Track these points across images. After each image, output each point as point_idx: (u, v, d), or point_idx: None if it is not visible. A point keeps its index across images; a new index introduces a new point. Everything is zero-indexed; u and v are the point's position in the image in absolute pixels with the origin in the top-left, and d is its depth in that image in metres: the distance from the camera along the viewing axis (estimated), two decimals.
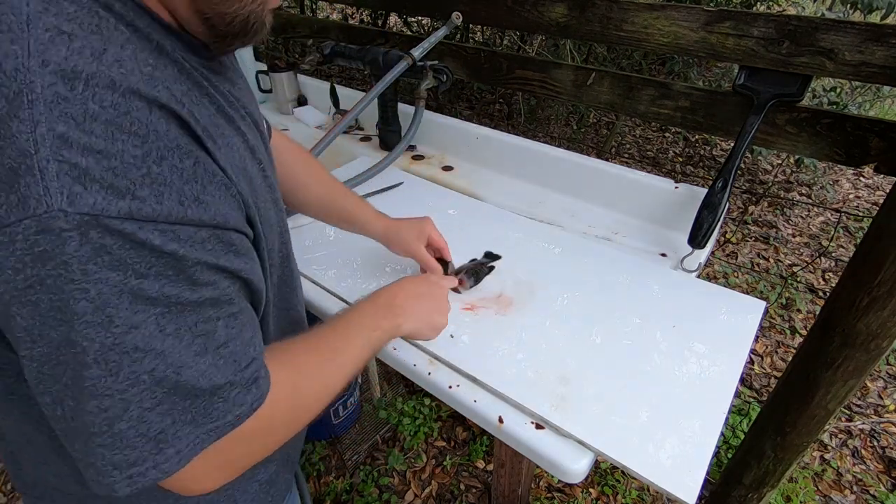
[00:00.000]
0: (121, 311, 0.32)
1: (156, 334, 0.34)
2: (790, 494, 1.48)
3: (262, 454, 0.46)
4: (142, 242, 0.32)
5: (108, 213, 0.30)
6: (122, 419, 0.34)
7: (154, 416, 0.35)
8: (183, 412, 0.36)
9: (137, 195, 0.31)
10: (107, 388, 0.33)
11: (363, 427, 1.67)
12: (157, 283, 0.33)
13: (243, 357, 0.40)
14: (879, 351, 0.84)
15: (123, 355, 0.33)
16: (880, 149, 0.83)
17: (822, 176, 3.18)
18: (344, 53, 1.31)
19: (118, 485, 0.35)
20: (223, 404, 0.39)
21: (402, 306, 0.63)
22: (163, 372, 0.35)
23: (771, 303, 2.21)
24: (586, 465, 0.61)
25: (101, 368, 0.33)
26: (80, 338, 0.32)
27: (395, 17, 4.39)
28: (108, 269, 0.31)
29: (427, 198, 1.12)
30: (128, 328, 0.33)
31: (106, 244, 0.31)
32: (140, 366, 0.34)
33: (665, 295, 0.83)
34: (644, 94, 1.06)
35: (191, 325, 0.36)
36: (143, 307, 0.33)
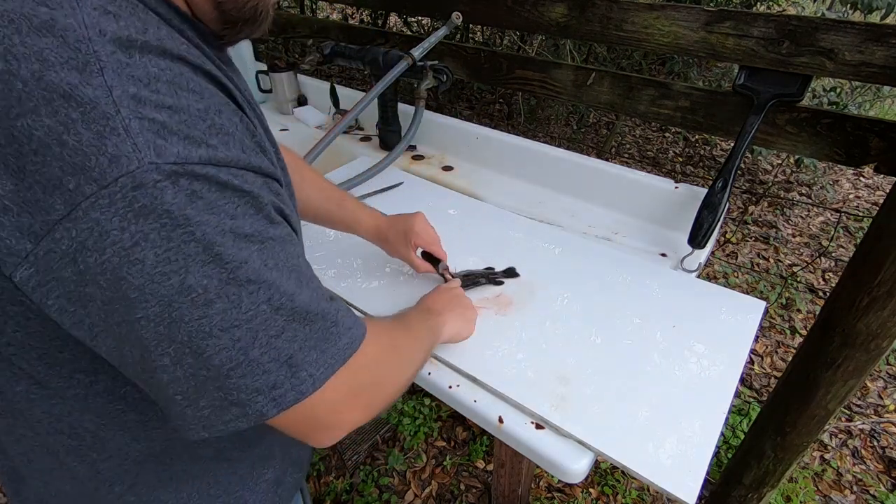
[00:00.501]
0: (227, 248, 0.34)
1: (262, 268, 0.36)
2: (790, 494, 1.48)
3: (383, 392, 0.49)
4: (224, 184, 0.34)
5: (191, 160, 0.32)
6: (253, 347, 0.36)
7: (281, 343, 0.37)
8: (305, 338, 0.39)
9: (210, 143, 0.33)
10: (235, 320, 0.35)
11: (363, 427, 1.67)
12: (246, 221, 0.35)
13: (327, 291, 0.43)
14: (879, 351, 0.84)
15: (241, 287, 0.35)
16: (880, 149, 0.83)
17: (822, 176, 3.18)
18: (344, 53, 1.31)
19: (265, 408, 0.37)
20: (336, 328, 0.41)
21: (440, 310, 0.70)
22: (278, 300, 0.37)
23: (771, 303, 2.21)
24: (586, 465, 0.61)
25: (224, 302, 0.34)
26: (196, 279, 0.33)
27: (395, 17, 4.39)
28: (205, 212, 0.33)
29: (427, 198, 1.12)
30: (238, 263, 0.34)
31: (196, 189, 0.32)
32: (257, 296, 0.35)
33: (665, 295, 0.83)
34: (644, 94, 1.06)
35: (284, 260, 0.38)
36: (245, 244, 0.35)
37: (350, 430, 0.45)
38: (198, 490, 0.53)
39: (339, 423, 0.44)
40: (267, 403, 0.37)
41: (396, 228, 0.81)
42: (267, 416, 0.38)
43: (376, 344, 0.47)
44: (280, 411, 0.38)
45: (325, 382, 0.40)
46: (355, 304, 0.83)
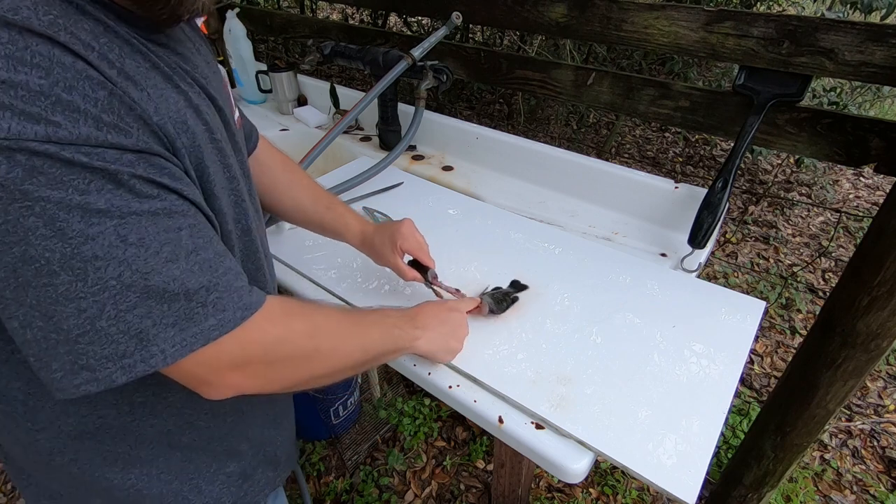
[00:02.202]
0: (73, 224, 0.34)
1: (116, 243, 0.36)
2: (790, 494, 1.48)
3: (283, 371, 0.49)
4: (69, 161, 0.33)
5: (25, 136, 0.32)
6: (100, 318, 0.37)
7: (132, 317, 0.38)
8: (162, 316, 0.39)
9: (51, 120, 0.33)
10: (79, 292, 0.36)
11: (363, 427, 1.67)
12: (101, 196, 0.35)
13: (218, 265, 0.43)
14: (879, 351, 0.84)
15: (87, 263, 0.35)
16: (880, 149, 0.83)
17: (822, 176, 3.18)
18: (344, 53, 1.31)
19: (115, 374, 0.39)
20: (203, 309, 0.41)
21: (424, 324, 0.66)
22: (129, 277, 0.37)
23: (771, 303, 2.21)
24: (586, 465, 0.61)
25: (68, 275, 0.35)
26: (38, 251, 0.34)
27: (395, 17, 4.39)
28: (47, 187, 0.33)
29: (427, 198, 1.12)
30: (84, 239, 0.35)
31: (35, 165, 0.32)
32: (105, 272, 0.36)
33: (665, 295, 0.83)
34: (644, 94, 1.06)
35: (153, 235, 0.38)
36: (97, 219, 0.35)
37: (242, 392, 0.47)
38: (147, 473, 0.55)
39: (220, 384, 0.45)
40: (116, 371, 0.39)
41: (382, 234, 0.79)
42: (117, 382, 0.39)
43: (282, 326, 0.48)
44: (129, 379, 0.39)
45: (182, 359, 0.40)
46: (356, 304, 0.83)
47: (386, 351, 0.61)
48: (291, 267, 0.91)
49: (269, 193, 0.78)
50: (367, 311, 0.63)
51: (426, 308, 0.69)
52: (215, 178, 0.48)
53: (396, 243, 0.77)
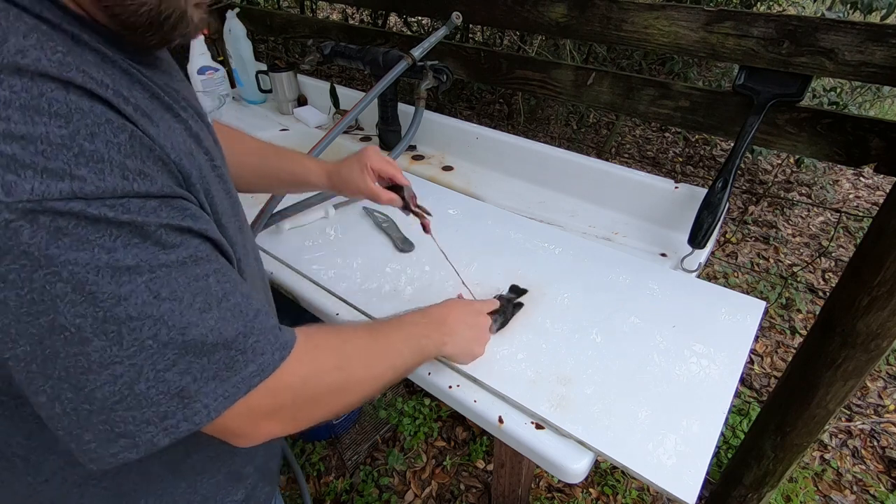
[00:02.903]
0: (102, 286, 0.32)
1: (150, 301, 0.34)
2: (790, 494, 1.48)
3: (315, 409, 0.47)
4: (95, 218, 0.31)
5: (50, 197, 0.30)
6: (138, 382, 0.35)
7: (172, 376, 0.36)
8: (202, 369, 0.37)
9: (76, 175, 0.31)
10: (115, 356, 0.34)
11: (363, 427, 1.67)
12: (129, 252, 0.33)
13: (248, 308, 0.41)
14: (879, 351, 0.84)
15: (121, 325, 0.33)
16: (880, 149, 0.83)
17: (822, 176, 3.18)
18: (344, 53, 1.31)
19: (157, 437, 0.37)
20: (243, 356, 0.40)
21: (452, 328, 0.65)
22: (167, 335, 0.35)
23: (771, 303, 2.21)
24: (586, 465, 0.61)
25: (101, 340, 0.33)
26: (67, 319, 0.32)
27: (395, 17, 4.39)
28: (73, 249, 0.31)
29: (427, 198, 1.11)
30: (116, 300, 0.33)
31: (60, 226, 0.30)
32: (141, 333, 0.34)
33: (665, 295, 0.83)
34: (644, 94, 1.06)
35: (184, 286, 0.36)
36: (128, 277, 0.33)
37: (272, 438, 0.45)
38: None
39: (255, 434, 0.43)
40: (157, 434, 0.37)
41: (349, 162, 0.77)
42: (159, 445, 0.37)
43: (310, 364, 0.46)
44: (173, 440, 0.37)
45: (225, 411, 0.39)
46: (355, 304, 0.83)
47: (415, 363, 0.60)
48: (291, 267, 0.91)
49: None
50: (392, 322, 0.61)
51: (454, 311, 0.67)
52: (221, 208, 0.46)
53: (366, 165, 0.75)
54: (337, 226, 1.02)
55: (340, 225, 1.03)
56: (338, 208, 1.07)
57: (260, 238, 0.96)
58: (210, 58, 1.52)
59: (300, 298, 0.87)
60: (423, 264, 0.91)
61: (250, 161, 0.77)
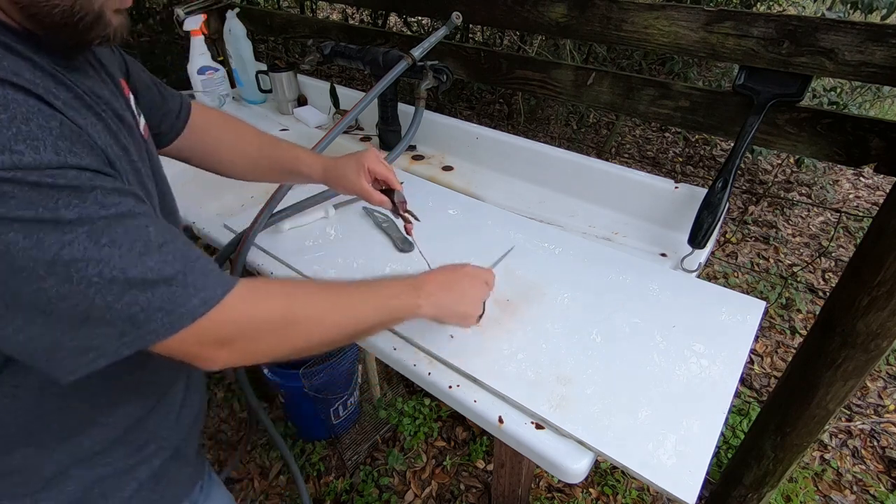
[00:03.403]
0: (48, 235, 0.37)
1: (91, 246, 0.40)
2: (790, 494, 1.48)
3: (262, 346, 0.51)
4: (36, 184, 0.37)
5: None
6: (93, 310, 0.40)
7: (121, 307, 0.41)
8: (148, 301, 0.42)
9: (15, 150, 0.36)
10: (69, 292, 0.39)
11: (363, 427, 1.67)
12: (69, 210, 0.38)
13: (190, 253, 0.46)
14: (879, 351, 0.84)
15: (68, 266, 0.39)
16: (880, 149, 0.83)
17: (822, 176, 3.18)
18: (344, 53, 1.31)
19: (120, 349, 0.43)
20: (184, 290, 0.45)
21: (428, 291, 0.64)
22: (109, 273, 0.40)
23: (771, 303, 2.21)
24: (586, 465, 0.61)
25: (54, 278, 0.38)
26: (22, 261, 0.37)
27: (395, 17, 4.39)
28: (19, 209, 0.36)
29: (427, 198, 1.12)
30: (61, 246, 0.38)
31: (5, 191, 0.35)
32: (86, 271, 0.39)
33: (665, 295, 0.83)
34: (644, 94, 1.06)
35: (122, 234, 0.41)
36: (69, 228, 0.38)
37: (229, 365, 0.50)
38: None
39: (209, 359, 0.49)
40: (120, 346, 0.43)
41: (347, 160, 0.79)
42: (121, 354, 0.43)
43: (253, 302, 0.50)
44: (132, 351, 0.43)
45: (173, 335, 0.44)
46: None
47: (384, 321, 0.62)
48: (291, 267, 0.91)
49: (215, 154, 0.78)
50: (362, 282, 0.61)
51: (434, 273, 0.67)
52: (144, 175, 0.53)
53: (364, 166, 0.78)
54: (337, 226, 1.02)
55: (340, 225, 1.03)
56: (338, 208, 1.07)
57: (260, 238, 0.96)
58: (210, 58, 1.52)
59: None
60: (423, 264, 0.91)
61: (248, 150, 0.79)
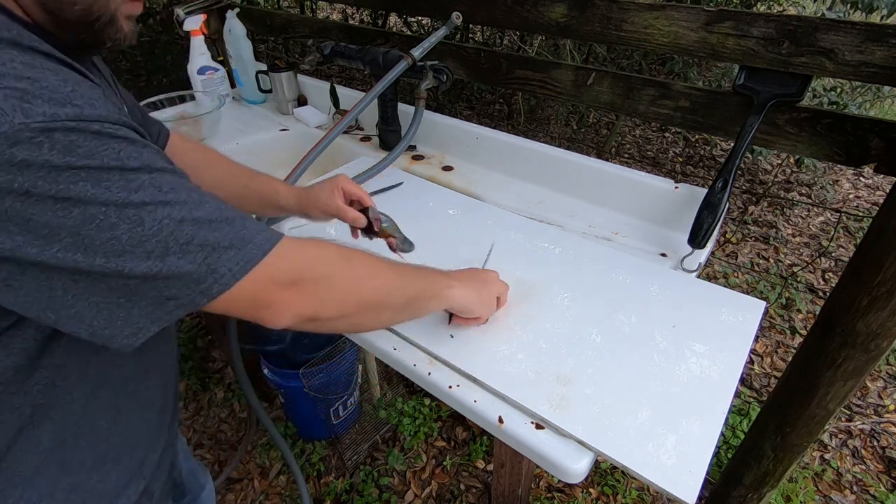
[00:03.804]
0: (116, 181, 0.39)
1: (156, 192, 0.41)
2: (790, 494, 1.48)
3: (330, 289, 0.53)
4: (98, 132, 0.38)
5: (58, 118, 0.37)
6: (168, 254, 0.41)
7: (194, 247, 0.42)
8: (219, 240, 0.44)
9: (76, 104, 0.38)
10: (142, 236, 0.40)
11: (363, 427, 1.67)
12: (131, 158, 0.40)
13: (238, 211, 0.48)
14: (879, 351, 0.84)
15: (139, 209, 0.40)
16: (880, 149, 0.83)
17: (822, 176, 3.18)
18: (344, 53, 1.31)
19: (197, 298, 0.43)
20: (246, 230, 0.46)
21: (456, 276, 0.71)
22: (178, 213, 0.42)
23: (771, 303, 2.21)
24: (586, 465, 0.61)
25: (127, 223, 0.39)
26: (95, 209, 0.38)
27: (395, 17, 4.39)
28: (86, 157, 0.37)
29: (427, 198, 1.12)
30: (129, 191, 0.39)
31: (72, 139, 0.37)
32: (157, 213, 0.41)
33: (665, 295, 0.83)
34: (644, 94, 1.06)
35: (179, 185, 0.43)
36: (134, 175, 0.40)
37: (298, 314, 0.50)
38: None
39: (280, 304, 0.49)
40: (196, 295, 0.43)
41: (320, 186, 0.81)
42: (200, 304, 0.44)
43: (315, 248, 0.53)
44: (209, 300, 0.44)
45: (248, 273, 0.45)
46: None
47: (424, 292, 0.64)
48: None
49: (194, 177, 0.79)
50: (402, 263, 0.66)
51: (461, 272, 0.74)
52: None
53: (338, 185, 0.80)
54: (337, 226, 1.02)
55: (340, 225, 1.02)
56: None
57: None
58: (210, 58, 1.52)
59: None
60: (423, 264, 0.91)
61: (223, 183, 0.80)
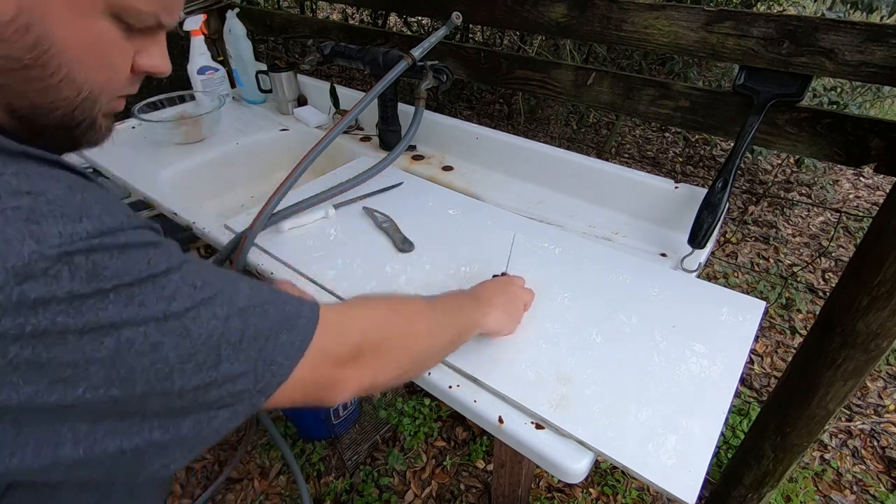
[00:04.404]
0: (147, 293, 0.33)
1: (192, 293, 0.36)
2: (790, 494, 1.48)
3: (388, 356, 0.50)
4: (124, 246, 0.33)
5: (78, 237, 0.31)
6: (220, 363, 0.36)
7: (246, 345, 0.38)
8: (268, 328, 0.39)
9: (91, 215, 0.32)
10: (190, 348, 0.34)
11: (363, 427, 1.67)
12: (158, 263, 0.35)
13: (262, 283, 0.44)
14: (879, 351, 0.84)
15: (181, 318, 0.34)
16: (880, 149, 0.83)
17: (822, 176, 3.18)
18: (344, 53, 1.31)
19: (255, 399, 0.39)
20: (289, 308, 0.42)
21: (488, 301, 0.70)
22: (222, 310, 0.37)
23: (771, 303, 2.21)
24: (586, 466, 0.61)
25: (172, 338, 0.34)
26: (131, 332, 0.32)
27: (395, 17, 4.38)
28: (114, 278, 0.32)
29: (427, 198, 1.12)
30: (167, 301, 0.34)
31: (97, 261, 0.31)
32: (200, 317, 0.35)
33: (665, 295, 0.83)
34: (644, 94, 1.06)
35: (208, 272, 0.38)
36: (165, 280, 0.35)
37: (358, 387, 0.47)
38: None
39: (343, 381, 0.46)
40: (255, 396, 0.39)
41: None
42: (258, 405, 0.39)
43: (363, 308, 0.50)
44: (268, 397, 0.39)
45: (303, 355, 0.41)
46: None
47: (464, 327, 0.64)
48: (291, 267, 0.91)
49: None
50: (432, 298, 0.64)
51: (485, 284, 0.74)
52: None
53: None
54: (337, 226, 1.02)
55: (340, 225, 1.03)
56: (338, 208, 1.07)
57: (260, 238, 0.96)
58: (210, 58, 1.52)
59: None
60: (423, 264, 0.91)
61: None
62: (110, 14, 0.38)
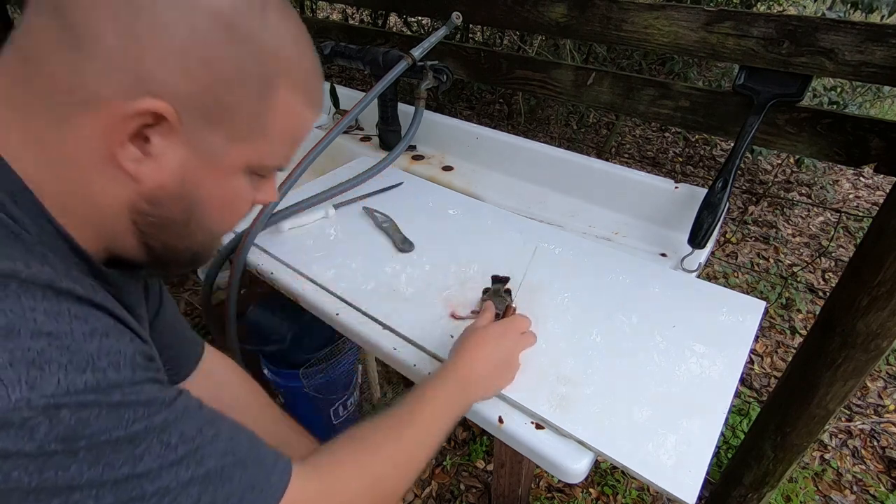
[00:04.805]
0: (116, 454, 0.33)
1: (161, 452, 0.35)
2: (790, 494, 1.48)
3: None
4: (116, 405, 0.33)
5: (74, 390, 0.31)
6: None
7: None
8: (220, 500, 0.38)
9: (99, 366, 0.32)
10: None
11: None
12: (140, 422, 0.34)
13: (243, 429, 0.43)
14: (879, 351, 0.84)
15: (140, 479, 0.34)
16: (880, 149, 0.83)
17: (822, 176, 3.18)
18: (344, 53, 1.31)
19: None
20: (262, 466, 0.41)
21: (478, 382, 0.64)
22: (188, 471, 0.36)
23: (771, 303, 2.21)
24: (586, 466, 0.61)
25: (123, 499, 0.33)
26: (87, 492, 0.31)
27: (395, 17, 4.39)
28: (90, 437, 0.31)
29: (427, 198, 1.12)
30: (133, 463, 0.33)
31: (83, 418, 0.31)
32: (159, 479, 0.35)
33: (665, 295, 0.83)
34: (644, 94, 1.06)
35: (190, 425, 0.38)
36: (139, 439, 0.34)
37: None
38: None
39: None
40: None
41: None
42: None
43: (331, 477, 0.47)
44: None
45: None
46: (355, 304, 0.83)
47: (453, 420, 0.60)
48: (291, 267, 0.91)
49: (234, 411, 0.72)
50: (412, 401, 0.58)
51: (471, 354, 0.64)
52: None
53: None
54: (337, 226, 1.02)
55: (340, 225, 1.03)
56: (338, 208, 1.07)
57: (260, 238, 0.96)
58: None
59: (300, 299, 0.87)
60: (424, 264, 0.91)
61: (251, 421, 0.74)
62: (246, 171, 0.42)
